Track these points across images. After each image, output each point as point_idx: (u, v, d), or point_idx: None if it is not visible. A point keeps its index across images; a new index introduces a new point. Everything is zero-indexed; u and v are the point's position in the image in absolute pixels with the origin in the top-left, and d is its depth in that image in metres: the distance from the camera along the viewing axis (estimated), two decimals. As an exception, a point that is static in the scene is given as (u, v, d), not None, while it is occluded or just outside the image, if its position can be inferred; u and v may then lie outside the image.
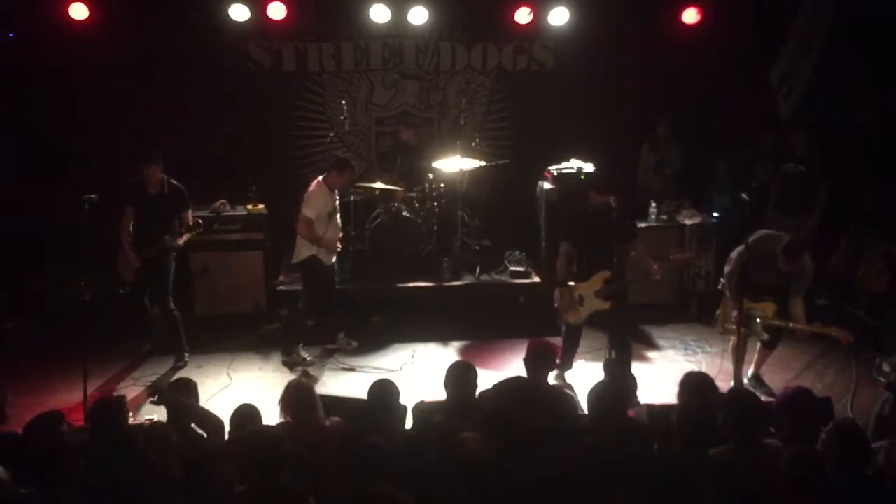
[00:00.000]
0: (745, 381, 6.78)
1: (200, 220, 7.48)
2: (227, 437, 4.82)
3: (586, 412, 4.72)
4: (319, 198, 7.27)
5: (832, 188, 8.40)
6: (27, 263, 8.47)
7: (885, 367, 7.01)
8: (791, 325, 6.33)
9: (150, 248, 7.17)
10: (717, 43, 9.21)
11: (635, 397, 6.13)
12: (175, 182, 7.35)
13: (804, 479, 3.78)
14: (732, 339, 6.57)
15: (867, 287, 8.03)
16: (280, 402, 4.83)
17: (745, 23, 9.20)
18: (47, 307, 8.15)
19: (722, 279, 6.75)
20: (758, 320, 6.43)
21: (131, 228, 7.26)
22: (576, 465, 4.05)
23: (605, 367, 6.43)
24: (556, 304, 6.82)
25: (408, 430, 5.01)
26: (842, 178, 8.49)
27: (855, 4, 8.65)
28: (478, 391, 5.02)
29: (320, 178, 7.37)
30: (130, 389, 6.96)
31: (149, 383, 7.06)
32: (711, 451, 4.20)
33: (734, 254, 6.59)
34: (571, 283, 6.65)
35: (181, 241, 7.38)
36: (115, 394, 6.52)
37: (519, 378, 5.29)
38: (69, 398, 6.56)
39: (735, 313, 6.35)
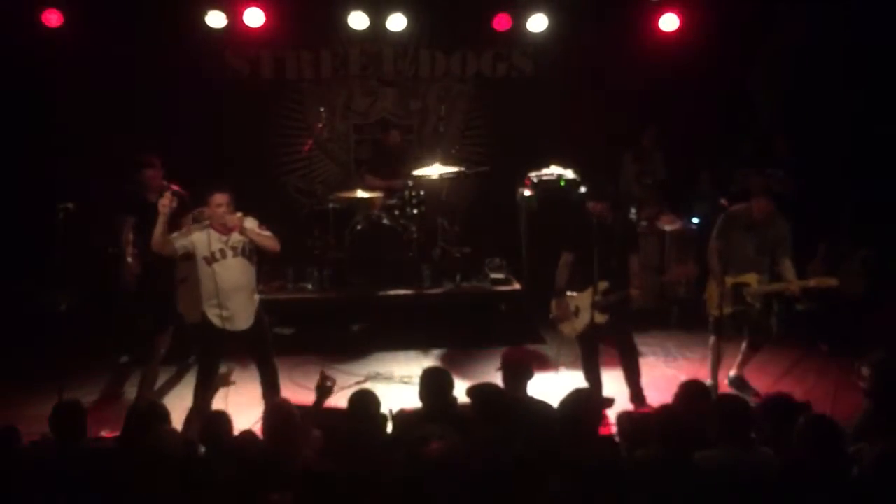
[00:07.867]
0: (727, 383, 6.79)
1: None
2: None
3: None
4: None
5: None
6: (1, 272, 8.34)
7: (864, 371, 7.06)
8: (784, 286, 6.40)
9: (150, 255, 6.88)
10: (696, 50, 9.24)
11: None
12: (176, 187, 7.09)
13: None
14: (712, 338, 6.57)
15: (845, 292, 8.06)
16: (262, 424, 4.73)
17: (724, 29, 9.24)
18: (22, 317, 8.03)
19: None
20: (751, 285, 6.42)
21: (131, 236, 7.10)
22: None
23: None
24: (550, 316, 6.60)
25: (388, 439, 4.96)
26: (820, 183, 8.55)
27: (831, 10, 8.73)
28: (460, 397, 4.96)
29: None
30: (110, 402, 6.89)
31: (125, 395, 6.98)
32: (697, 454, 4.18)
33: (714, 231, 6.67)
34: (572, 294, 6.43)
35: None
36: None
37: (491, 386, 5.17)
38: (44, 410, 6.41)
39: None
